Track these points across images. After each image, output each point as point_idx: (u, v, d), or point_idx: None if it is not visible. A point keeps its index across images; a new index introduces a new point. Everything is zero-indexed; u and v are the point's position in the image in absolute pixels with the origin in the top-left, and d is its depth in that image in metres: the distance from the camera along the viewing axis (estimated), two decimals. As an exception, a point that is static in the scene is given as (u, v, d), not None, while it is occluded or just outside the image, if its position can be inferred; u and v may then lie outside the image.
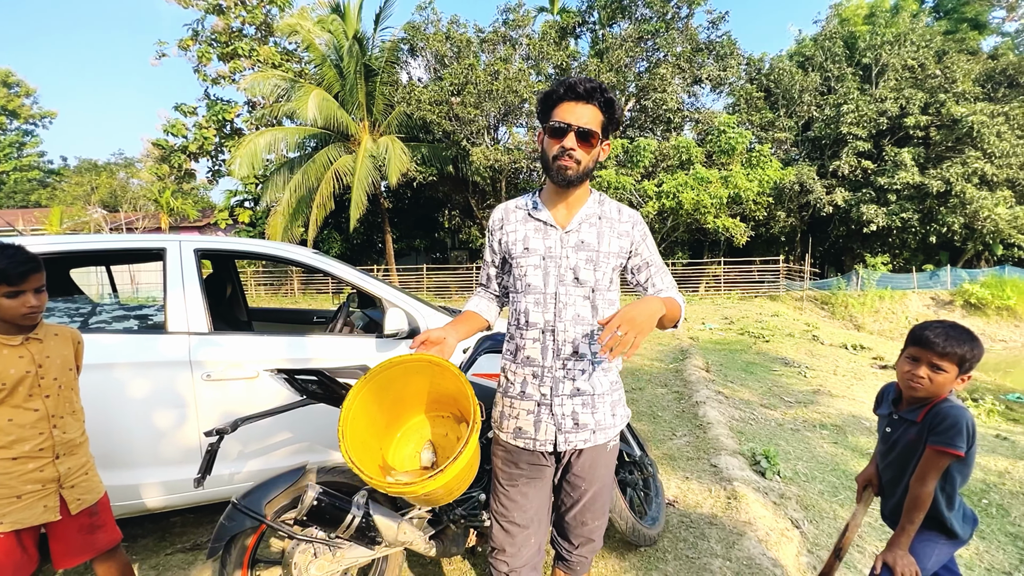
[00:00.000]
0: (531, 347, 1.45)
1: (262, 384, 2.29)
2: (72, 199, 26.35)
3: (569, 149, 1.33)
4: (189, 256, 2.38)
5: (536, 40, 19.10)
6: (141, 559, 2.35)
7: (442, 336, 1.39)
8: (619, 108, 1.41)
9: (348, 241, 21.46)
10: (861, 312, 16.66)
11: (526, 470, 1.49)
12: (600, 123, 1.36)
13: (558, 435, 1.43)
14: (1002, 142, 17.28)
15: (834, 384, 6.20)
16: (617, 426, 1.51)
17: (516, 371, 1.49)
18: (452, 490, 1.39)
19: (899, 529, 1.45)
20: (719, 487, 3.03)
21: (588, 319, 1.42)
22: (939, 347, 1.43)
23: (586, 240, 1.42)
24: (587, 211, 1.44)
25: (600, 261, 1.42)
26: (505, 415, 1.51)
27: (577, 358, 1.42)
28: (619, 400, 1.53)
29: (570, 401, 1.43)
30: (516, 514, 1.50)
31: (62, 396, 1.56)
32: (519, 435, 1.47)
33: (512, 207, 1.53)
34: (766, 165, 17.06)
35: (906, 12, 22.26)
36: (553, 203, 1.45)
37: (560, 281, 1.41)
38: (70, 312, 2.96)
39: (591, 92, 1.33)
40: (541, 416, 1.44)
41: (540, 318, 1.43)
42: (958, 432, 1.38)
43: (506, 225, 1.51)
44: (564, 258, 1.42)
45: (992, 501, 3.13)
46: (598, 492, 1.52)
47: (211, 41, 20.23)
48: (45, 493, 1.50)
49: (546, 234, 1.44)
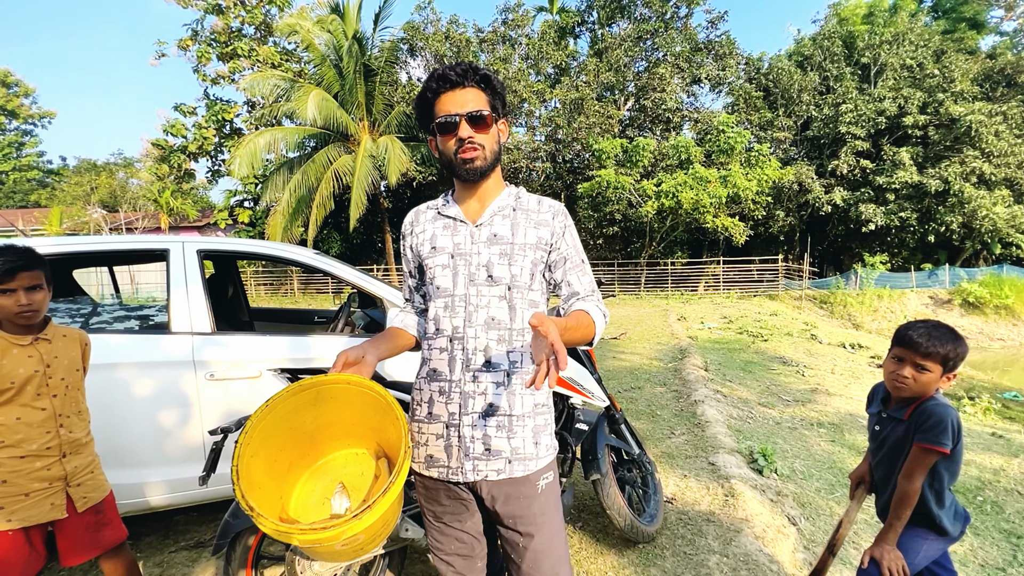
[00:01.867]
0: (437, 358, 1.27)
1: (265, 383, 2.32)
2: (72, 199, 26.35)
3: (467, 138, 1.21)
4: (192, 257, 2.40)
5: (535, 40, 19.14)
6: (146, 556, 2.37)
7: (359, 355, 1.20)
8: (499, 82, 1.27)
9: (348, 241, 21.48)
10: (860, 311, 16.71)
11: (448, 505, 1.30)
12: (487, 102, 1.24)
13: (465, 462, 1.23)
14: (1000, 141, 17.34)
15: (832, 383, 6.23)
16: (541, 457, 1.26)
17: (422, 388, 1.31)
18: (375, 535, 1.19)
19: (887, 525, 1.48)
20: (717, 485, 3.06)
21: (505, 322, 1.24)
22: (922, 347, 1.46)
23: (499, 233, 1.26)
24: (500, 203, 1.29)
25: (515, 254, 1.25)
26: (416, 442, 1.30)
27: (490, 369, 1.23)
28: (544, 427, 1.29)
29: (482, 422, 1.22)
30: (451, 547, 1.34)
31: (69, 396, 1.58)
32: (431, 464, 1.27)
33: (423, 208, 1.40)
34: (765, 164, 17.10)
35: (904, 12, 22.32)
36: (463, 199, 1.31)
37: (471, 280, 1.25)
38: (72, 312, 2.98)
39: (464, 74, 1.21)
40: (451, 440, 1.24)
41: (448, 324, 1.26)
42: (943, 430, 1.40)
43: (415, 227, 1.37)
44: (475, 254, 1.26)
45: (987, 498, 3.16)
46: (540, 553, 1.24)
47: (210, 41, 20.25)
48: (52, 491, 1.52)
49: (455, 230, 1.29)
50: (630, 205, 17.52)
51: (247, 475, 1.08)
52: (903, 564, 1.41)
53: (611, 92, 20.34)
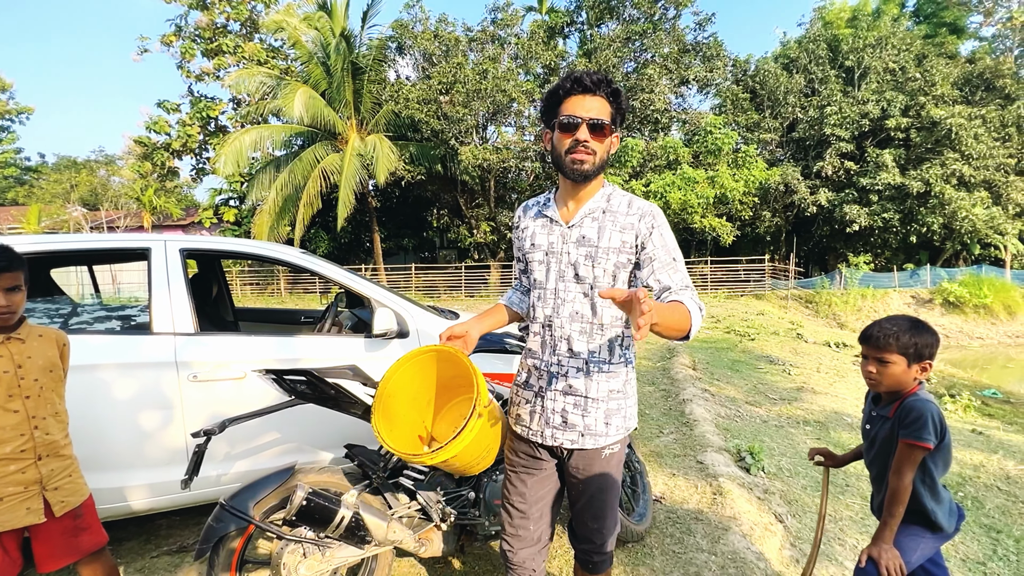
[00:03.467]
0: (533, 340, 1.49)
1: (250, 385, 2.28)
2: (51, 197, 25.80)
3: (583, 141, 1.31)
4: (175, 256, 2.35)
5: (524, 40, 19.12)
6: (127, 562, 2.32)
7: (464, 330, 1.48)
8: (625, 98, 1.39)
9: (336, 240, 21.28)
10: (844, 310, 16.96)
11: (523, 459, 1.53)
12: (609, 114, 1.34)
13: (546, 429, 1.45)
14: (979, 144, 17.71)
15: (817, 381, 6.31)
16: (610, 436, 1.44)
17: (524, 363, 1.54)
18: (470, 463, 1.56)
19: (882, 523, 1.49)
20: (705, 483, 3.07)
21: (587, 317, 1.40)
22: (875, 340, 1.51)
23: (587, 235, 1.39)
24: (592, 205, 1.41)
25: (599, 257, 1.36)
26: (512, 403, 1.57)
27: (571, 356, 1.41)
28: (617, 410, 1.44)
29: (562, 398, 1.43)
30: (515, 499, 1.55)
31: (43, 398, 1.54)
32: (519, 422, 1.53)
33: (529, 204, 1.56)
34: (752, 165, 17.29)
35: (887, 16, 22.69)
36: (564, 200, 1.45)
37: (560, 277, 1.41)
38: (51, 313, 2.91)
39: (598, 83, 1.31)
40: (536, 408, 1.47)
41: (541, 313, 1.45)
42: (923, 425, 1.42)
43: (521, 223, 1.54)
44: (565, 254, 1.41)
45: (967, 494, 3.22)
46: (594, 496, 1.50)
47: (195, 37, 19.93)
48: (28, 495, 1.48)
49: (550, 230, 1.45)
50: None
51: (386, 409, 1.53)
52: (901, 563, 1.42)
53: (600, 92, 20.34)
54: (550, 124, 1.38)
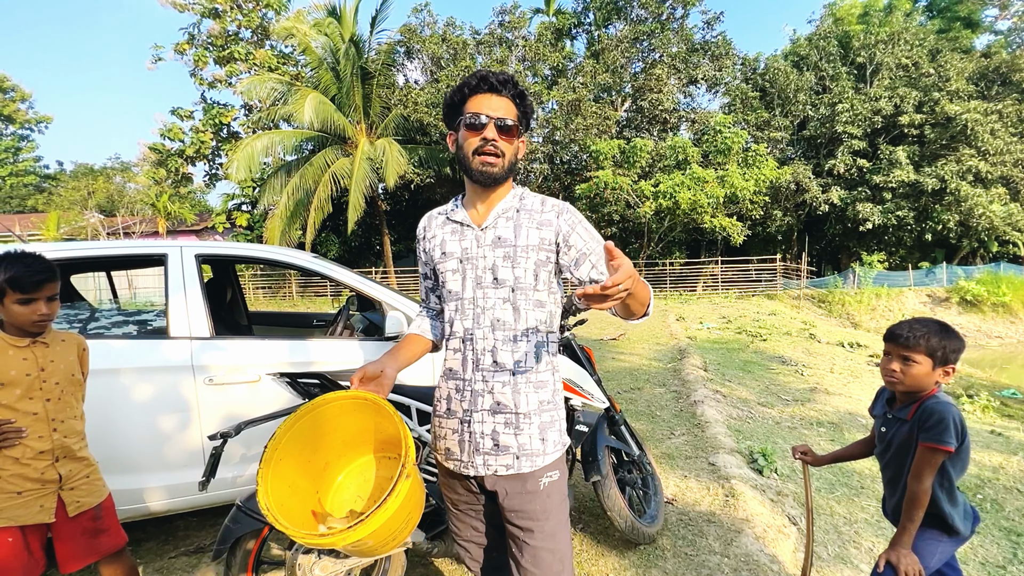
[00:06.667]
0: (452, 358, 1.35)
1: (264, 388, 2.32)
2: (69, 204, 26.33)
3: (491, 140, 1.23)
4: (190, 261, 2.40)
5: (532, 42, 19.17)
6: (146, 562, 2.37)
7: (378, 370, 1.26)
8: (530, 103, 1.33)
9: (346, 243, 21.47)
10: (858, 310, 16.74)
11: (463, 495, 1.40)
12: (516, 116, 1.27)
13: (476, 457, 1.29)
14: (996, 140, 17.42)
15: (831, 382, 6.24)
16: (548, 453, 1.29)
17: (442, 386, 1.38)
18: (386, 539, 1.24)
19: (900, 528, 1.47)
20: (717, 485, 3.06)
21: (509, 324, 1.28)
22: (903, 339, 1.49)
23: (503, 236, 1.29)
24: (505, 205, 1.32)
25: (518, 256, 1.28)
26: (437, 436, 1.39)
27: (497, 369, 1.28)
28: (551, 423, 1.31)
29: (491, 418, 1.28)
30: (467, 533, 1.44)
31: (63, 401, 1.58)
32: (448, 457, 1.35)
33: (434, 213, 1.44)
34: (762, 164, 17.14)
35: (899, 11, 22.43)
36: (472, 204, 1.34)
37: (478, 284, 1.30)
38: (71, 318, 2.98)
39: (504, 83, 1.25)
40: (464, 435, 1.30)
41: (460, 326, 1.32)
42: (945, 428, 1.40)
43: (427, 232, 1.41)
44: (481, 258, 1.30)
45: (986, 496, 3.17)
46: (540, 544, 1.26)
47: (207, 45, 20.24)
48: (44, 493, 1.52)
49: (462, 235, 1.33)
50: (628, 206, 17.54)
51: (278, 477, 1.20)
52: (920, 568, 1.40)
53: (608, 93, 20.38)
54: (454, 124, 1.30)
